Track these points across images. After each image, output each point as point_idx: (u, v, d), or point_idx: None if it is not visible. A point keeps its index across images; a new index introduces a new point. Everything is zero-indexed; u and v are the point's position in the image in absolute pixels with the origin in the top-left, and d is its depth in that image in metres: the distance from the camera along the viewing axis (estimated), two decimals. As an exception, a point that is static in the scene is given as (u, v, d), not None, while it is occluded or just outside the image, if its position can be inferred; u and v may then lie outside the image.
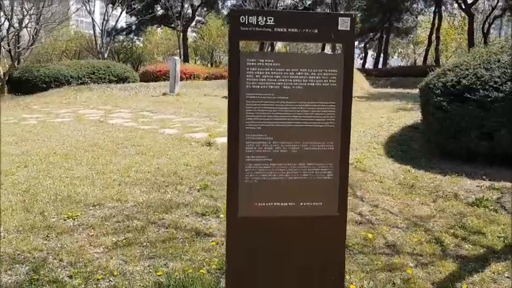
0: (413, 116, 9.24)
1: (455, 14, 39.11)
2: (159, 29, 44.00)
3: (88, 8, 22.76)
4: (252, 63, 2.27)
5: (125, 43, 34.71)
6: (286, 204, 2.40)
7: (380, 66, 38.40)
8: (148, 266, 3.30)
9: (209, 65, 38.38)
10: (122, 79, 20.50)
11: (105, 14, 23.63)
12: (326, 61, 2.35)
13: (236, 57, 2.27)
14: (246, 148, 2.33)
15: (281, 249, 2.43)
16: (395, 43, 46.89)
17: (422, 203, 4.71)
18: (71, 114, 11.48)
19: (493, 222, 4.17)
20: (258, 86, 2.29)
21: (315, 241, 2.45)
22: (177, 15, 31.21)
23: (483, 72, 5.98)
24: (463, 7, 29.94)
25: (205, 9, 38.53)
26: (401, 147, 7.12)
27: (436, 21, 33.82)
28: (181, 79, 18.84)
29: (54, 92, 17.24)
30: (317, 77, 2.32)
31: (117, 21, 26.15)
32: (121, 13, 26.26)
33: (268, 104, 2.31)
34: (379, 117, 9.79)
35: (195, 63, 37.84)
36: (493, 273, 3.21)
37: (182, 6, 32.03)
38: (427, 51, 37.65)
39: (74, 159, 6.29)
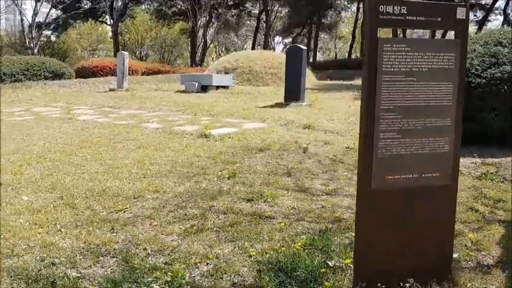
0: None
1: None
2: (78, 24, 42.09)
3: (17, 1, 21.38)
4: (388, 48, 2.51)
5: (51, 38, 32.90)
6: (411, 175, 2.67)
7: (311, 60, 39.75)
8: (234, 248, 3.40)
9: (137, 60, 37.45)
10: (58, 75, 19.64)
11: (35, 9, 22.31)
12: (446, 46, 2.64)
13: (375, 42, 2.49)
14: (380, 126, 2.56)
15: (406, 216, 2.70)
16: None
17: (436, 180, 5.18)
18: (26, 112, 10.88)
19: (506, 191, 4.72)
20: (392, 69, 2.53)
21: (433, 207, 2.74)
22: (108, 9, 30.11)
23: (464, 61, 6.60)
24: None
25: (131, 3, 37.54)
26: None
27: (360, 15, 35.69)
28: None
29: (-10, 90, 16.13)
30: (439, 60, 2.60)
31: (47, 15, 24.79)
32: (50, 8, 24.92)
33: (400, 85, 2.56)
34: (347, 107, 10.34)
35: (124, 58, 36.72)
36: (536, 232, 3.71)
37: (113, 0, 30.95)
38: (351, 45, 39.63)
39: (75, 156, 6.08)
